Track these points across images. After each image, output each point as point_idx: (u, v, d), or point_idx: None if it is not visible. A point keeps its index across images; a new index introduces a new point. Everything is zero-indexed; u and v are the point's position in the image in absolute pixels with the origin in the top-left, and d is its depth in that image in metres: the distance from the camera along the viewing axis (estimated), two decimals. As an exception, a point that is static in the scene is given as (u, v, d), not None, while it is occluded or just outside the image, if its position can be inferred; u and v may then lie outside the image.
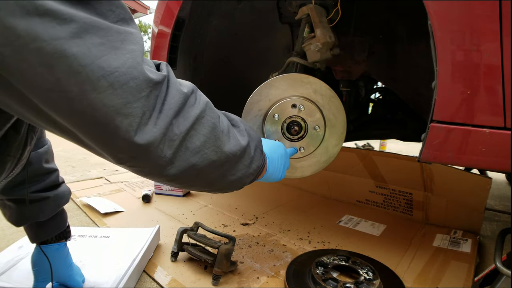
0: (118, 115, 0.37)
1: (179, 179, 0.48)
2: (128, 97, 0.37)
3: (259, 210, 1.41)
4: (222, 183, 0.56)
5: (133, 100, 0.38)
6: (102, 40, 0.35)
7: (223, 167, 0.54)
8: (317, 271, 0.84)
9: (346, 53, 1.26)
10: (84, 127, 0.38)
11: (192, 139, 0.47)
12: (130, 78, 0.37)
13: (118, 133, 0.38)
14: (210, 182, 0.55)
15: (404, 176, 1.26)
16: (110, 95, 0.36)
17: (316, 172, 0.94)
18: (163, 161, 0.44)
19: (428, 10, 0.68)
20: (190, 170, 0.48)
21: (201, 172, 0.50)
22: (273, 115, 0.89)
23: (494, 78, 0.64)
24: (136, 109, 0.38)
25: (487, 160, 0.69)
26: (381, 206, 1.41)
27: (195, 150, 0.48)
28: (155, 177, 0.48)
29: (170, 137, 0.43)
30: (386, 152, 1.27)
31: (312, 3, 1.00)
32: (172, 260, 0.97)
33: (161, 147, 0.43)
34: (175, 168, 0.46)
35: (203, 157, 0.49)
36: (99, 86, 0.35)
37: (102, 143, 0.40)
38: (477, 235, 1.16)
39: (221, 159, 0.52)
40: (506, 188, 1.98)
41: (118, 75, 0.36)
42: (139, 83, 0.38)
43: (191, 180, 0.51)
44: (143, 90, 0.39)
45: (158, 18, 1.32)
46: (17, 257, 0.90)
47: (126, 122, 0.38)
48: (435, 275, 0.92)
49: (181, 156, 0.46)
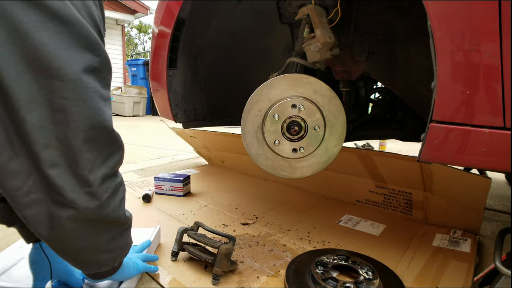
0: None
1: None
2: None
3: (259, 210, 1.41)
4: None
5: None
6: None
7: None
8: (317, 271, 0.84)
9: (346, 53, 1.26)
10: None
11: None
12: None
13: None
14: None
15: (403, 176, 1.26)
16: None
17: (316, 172, 0.94)
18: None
19: (428, 10, 0.68)
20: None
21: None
22: (273, 115, 0.89)
23: (494, 78, 0.64)
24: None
25: (487, 160, 0.69)
26: (381, 206, 1.41)
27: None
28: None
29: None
30: (385, 152, 1.27)
31: (312, 3, 1.01)
32: (173, 260, 0.97)
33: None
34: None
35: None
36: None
37: None
38: (476, 235, 1.17)
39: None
40: (505, 188, 1.98)
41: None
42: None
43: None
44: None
45: (159, 19, 1.33)
46: (18, 257, 0.90)
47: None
48: (435, 274, 0.92)
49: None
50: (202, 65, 1.53)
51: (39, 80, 0.46)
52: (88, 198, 0.53)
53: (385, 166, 1.28)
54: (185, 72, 1.45)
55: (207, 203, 1.48)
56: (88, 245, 0.59)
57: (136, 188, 1.69)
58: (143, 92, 6.86)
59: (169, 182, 1.57)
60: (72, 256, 0.61)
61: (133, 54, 13.20)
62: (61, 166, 0.50)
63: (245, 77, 1.65)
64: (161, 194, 1.59)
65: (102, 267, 0.66)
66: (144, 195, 1.49)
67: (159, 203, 1.48)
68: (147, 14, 8.86)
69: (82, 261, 0.63)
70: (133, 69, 7.25)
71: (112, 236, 0.62)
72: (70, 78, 0.48)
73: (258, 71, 1.61)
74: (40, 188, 0.51)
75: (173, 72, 1.36)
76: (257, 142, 0.93)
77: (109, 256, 0.65)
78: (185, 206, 1.44)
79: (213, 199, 1.55)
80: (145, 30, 20.56)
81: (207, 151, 2.20)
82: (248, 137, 0.93)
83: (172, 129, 2.19)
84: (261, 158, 0.94)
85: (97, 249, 0.61)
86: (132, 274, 0.79)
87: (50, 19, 0.46)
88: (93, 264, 0.64)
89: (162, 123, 2.13)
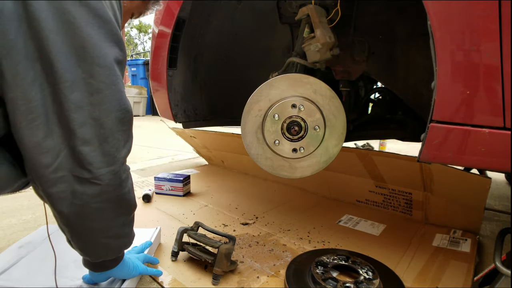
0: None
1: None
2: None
3: (259, 210, 1.41)
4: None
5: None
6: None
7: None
8: (317, 271, 0.84)
9: (346, 53, 1.26)
10: None
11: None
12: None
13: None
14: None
15: (403, 176, 1.26)
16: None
17: (316, 172, 0.94)
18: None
19: (428, 10, 0.68)
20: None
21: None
22: (273, 115, 0.89)
23: (494, 78, 0.64)
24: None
25: (487, 160, 0.69)
26: (381, 206, 1.41)
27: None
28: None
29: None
30: (385, 152, 1.27)
31: (312, 3, 1.01)
32: (173, 260, 0.97)
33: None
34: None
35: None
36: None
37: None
38: (476, 234, 1.17)
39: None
40: (505, 188, 1.98)
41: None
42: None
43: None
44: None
45: (159, 19, 1.33)
46: (18, 256, 0.90)
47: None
48: (435, 274, 0.92)
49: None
50: (202, 65, 1.53)
51: (82, 66, 0.54)
52: (112, 175, 0.60)
53: (385, 166, 1.28)
54: (185, 72, 1.45)
55: (207, 203, 1.48)
56: (103, 225, 0.64)
57: (136, 188, 1.69)
58: (143, 92, 6.86)
59: (169, 182, 1.57)
60: (86, 237, 0.65)
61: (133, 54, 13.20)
62: (93, 144, 0.57)
63: (245, 77, 1.64)
64: (161, 194, 1.59)
65: (109, 253, 0.70)
66: (144, 195, 1.49)
67: (159, 203, 1.47)
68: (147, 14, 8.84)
69: (94, 244, 0.66)
70: (133, 69, 7.24)
71: (124, 221, 0.67)
72: (107, 65, 0.56)
73: (258, 71, 1.60)
74: (68, 165, 0.56)
75: (173, 72, 1.36)
76: (257, 142, 0.93)
77: (117, 242, 0.69)
78: (185, 206, 1.44)
79: (213, 199, 1.55)
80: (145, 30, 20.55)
81: (207, 151, 2.20)
82: (248, 137, 0.93)
83: (172, 129, 2.19)
84: (261, 158, 0.94)
85: (109, 232, 0.66)
86: (131, 274, 0.79)
87: (94, 16, 0.54)
88: (102, 250, 0.68)
89: (162, 123, 2.13)
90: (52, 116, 0.54)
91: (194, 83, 1.52)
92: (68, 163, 0.56)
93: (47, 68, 0.52)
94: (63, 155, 0.56)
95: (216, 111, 1.67)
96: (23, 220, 1.26)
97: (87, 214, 0.61)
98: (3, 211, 1.34)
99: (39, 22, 0.50)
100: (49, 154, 0.54)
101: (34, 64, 0.51)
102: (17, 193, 0.65)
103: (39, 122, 0.53)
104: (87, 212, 0.60)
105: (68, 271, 0.85)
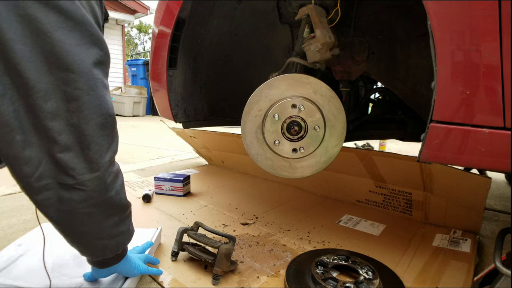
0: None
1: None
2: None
3: (259, 210, 1.41)
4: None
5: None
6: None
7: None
8: (317, 271, 0.84)
9: (346, 53, 1.26)
10: None
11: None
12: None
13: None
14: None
15: (403, 176, 1.26)
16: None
17: (316, 172, 0.94)
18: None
19: (428, 10, 0.68)
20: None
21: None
22: (273, 115, 0.89)
23: (494, 78, 0.64)
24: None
25: (487, 160, 0.69)
26: (381, 206, 1.41)
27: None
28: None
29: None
30: (385, 152, 1.27)
31: (312, 3, 1.01)
32: (173, 260, 0.97)
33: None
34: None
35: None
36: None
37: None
38: (476, 234, 1.17)
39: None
40: (505, 188, 1.98)
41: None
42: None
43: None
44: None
45: (159, 19, 1.33)
46: (16, 255, 0.90)
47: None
48: (435, 274, 0.92)
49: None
50: (202, 65, 1.53)
51: (55, 73, 0.52)
52: (96, 181, 0.59)
53: (385, 166, 1.28)
54: (185, 72, 1.45)
55: (207, 203, 1.48)
56: (94, 228, 0.64)
57: (136, 188, 1.69)
58: (143, 92, 6.86)
59: (169, 182, 1.57)
60: (79, 240, 0.66)
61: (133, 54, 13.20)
62: (74, 150, 0.56)
63: (245, 77, 1.65)
64: (161, 194, 1.59)
65: (107, 252, 0.70)
66: (144, 195, 1.49)
67: (159, 203, 1.47)
68: (147, 14, 8.85)
69: (89, 246, 0.67)
70: (133, 69, 7.24)
71: (116, 221, 0.67)
72: (82, 70, 0.54)
73: (258, 71, 1.61)
74: (50, 173, 0.56)
75: (173, 72, 1.36)
76: (257, 142, 0.93)
77: (113, 241, 0.69)
78: (185, 206, 1.44)
79: (213, 199, 1.55)
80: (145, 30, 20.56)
81: (207, 151, 2.20)
82: (248, 137, 0.93)
83: (172, 129, 2.19)
84: (261, 158, 0.94)
85: (102, 234, 0.66)
86: (133, 272, 0.80)
87: (65, 20, 0.52)
88: (99, 250, 0.68)
89: (162, 123, 2.13)
90: (28, 127, 0.53)
91: (194, 83, 1.52)
92: (51, 170, 0.56)
93: (17, 80, 0.50)
94: (44, 163, 0.55)
95: (216, 111, 1.67)
96: (23, 220, 1.26)
97: (76, 219, 0.61)
98: (3, 211, 1.34)
99: (3, 33, 0.48)
100: (29, 165, 0.54)
101: (2, 78, 0.50)
102: (17, 193, 0.66)
103: (14, 135, 0.52)
104: (76, 217, 0.60)
105: (67, 269, 0.85)
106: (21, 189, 0.58)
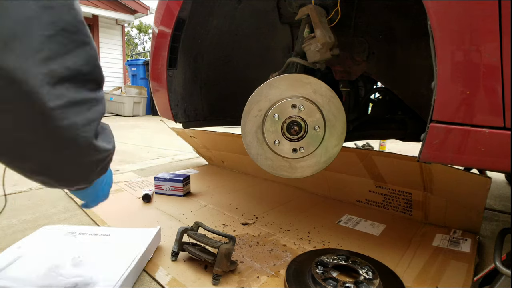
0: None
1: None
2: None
3: (259, 210, 1.41)
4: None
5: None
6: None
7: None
8: (317, 271, 0.84)
9: (346, 53, 1.26)
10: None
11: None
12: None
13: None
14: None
15: (403, 176, 1.26)
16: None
17: (316, 172, 0.94)
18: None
19: (428, 10, 0.68)
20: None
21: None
22: (273, 115, 0.89)
23: (494, 78, 0.64)
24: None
25: (487, 160, 0.69)
26: (381, 206, 1.41)
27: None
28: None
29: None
30: (385, 152, 1.27)
31: (312, 3, 1.01)
32: (172, 260, 0.97)
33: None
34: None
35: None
36: None
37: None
38: (476, 234, 1.17)
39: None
40: (505, 188, 1.98)
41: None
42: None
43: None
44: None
45: (159, 19, 1.33)
46: (16, 256, 0.90)
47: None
48: (435, 274, 0.92)
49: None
50: (202, 65, 1.53)
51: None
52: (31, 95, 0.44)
53: (385, 166, 1.28)
54: (185, 72, 1.45)
55: (207, 203, 1.48)
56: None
57: (136, 188, 1.69)
58: (143, 92, 6.86)
59: (169, 182, 1.57)
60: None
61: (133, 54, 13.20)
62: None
63: (245, 77, 1.65)
64: (161, 194, 1.59)
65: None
66: (144, 195, 1.49)
67: (159, 203, 1.48)
68: (147, 14, 8.85)
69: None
70: (133, 69, 7.25)
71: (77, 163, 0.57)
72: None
73: (258, 71, 1.60)
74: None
75: (173, 72, 1.36)
76: (257, 142, 0.93)
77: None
78: (185, 206, 1.44)
79: (213, 199, 1.55)
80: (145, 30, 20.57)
81: (207, 151, 2.20)
82: (248, 137, 0.93)
83: (172, 129, 2.19)
84: (261, 158, 0.94)
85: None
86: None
87: None
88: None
89: (162, 123, 2.13)
90: None
91: (194, 83, 1.52)
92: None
93: None
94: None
95: (216, 111, 1.67)
96: (23, 220, 1.26)
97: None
98: (3, 211, 1.34)
99: None
100: None
101: None
102: (17, 193, 0.64)
103: None
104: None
105: (64, 269, 0.85)
106: None
